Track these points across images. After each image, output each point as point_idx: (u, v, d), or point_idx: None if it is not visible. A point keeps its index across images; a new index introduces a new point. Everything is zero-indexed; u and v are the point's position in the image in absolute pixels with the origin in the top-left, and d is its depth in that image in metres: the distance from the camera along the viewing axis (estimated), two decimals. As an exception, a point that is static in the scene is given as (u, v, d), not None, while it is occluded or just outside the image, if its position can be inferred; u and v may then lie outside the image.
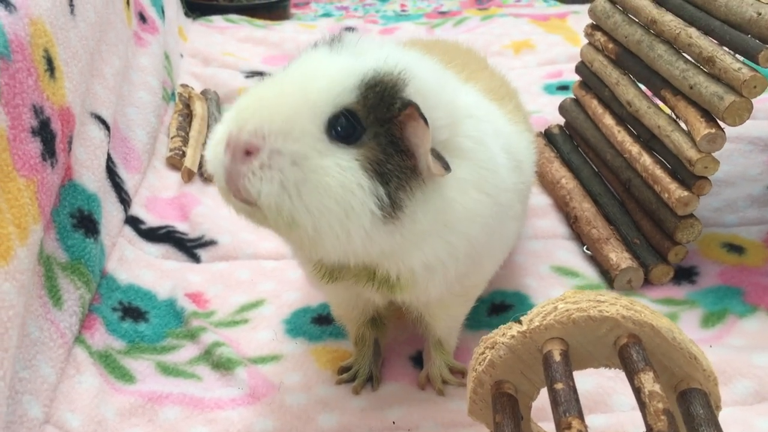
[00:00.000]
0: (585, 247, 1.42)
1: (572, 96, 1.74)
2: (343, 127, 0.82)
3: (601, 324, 0.80)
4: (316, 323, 1.26)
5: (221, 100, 2.06)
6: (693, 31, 1.32)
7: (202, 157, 1.75)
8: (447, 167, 0.85)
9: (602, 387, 1.08)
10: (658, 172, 1.34)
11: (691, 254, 1.37)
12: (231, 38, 2.49)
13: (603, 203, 1.49)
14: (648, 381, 0.74)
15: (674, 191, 1.29)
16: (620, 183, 1.48)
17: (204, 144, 1.79)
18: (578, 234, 1.46)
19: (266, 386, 1.11)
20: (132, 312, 1.27)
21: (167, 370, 1.15)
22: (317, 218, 0.81)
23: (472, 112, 0.96)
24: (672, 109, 1.35)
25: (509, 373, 0.85)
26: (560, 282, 1.34)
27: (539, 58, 2.31)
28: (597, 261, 1.38)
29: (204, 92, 2.07)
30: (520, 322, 0.84)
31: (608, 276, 1.34)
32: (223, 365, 1.15)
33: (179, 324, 1.26)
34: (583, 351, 0.83)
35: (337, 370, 1.16)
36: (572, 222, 1.48)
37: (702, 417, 0.76)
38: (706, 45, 1.28)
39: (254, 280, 1.37)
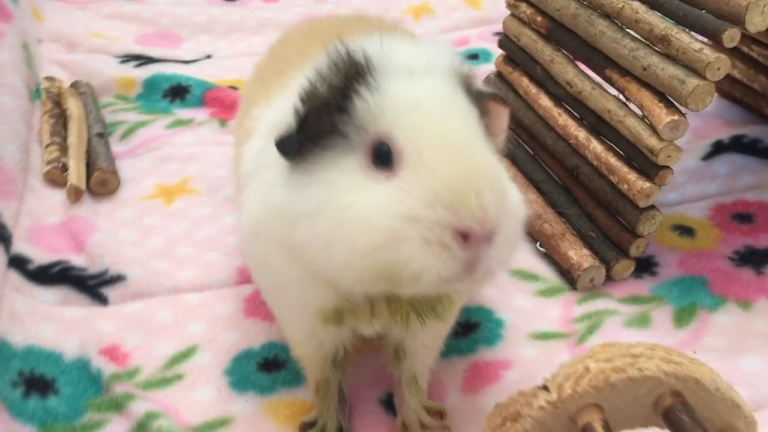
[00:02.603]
0: (538, 243, 1.33)
1: (496, 71, 1.63)
2: None
3: (641, 384, 0.70)
4: (263, 370, 1.09)
5: (96, 92, 1.79)
6: (638, 5, 1.23)
7: (88, 168, 1.50)
8: None
9: None
10: (613, 161, 1.25)
11: (645, 242, 1.31)
12: (95, 15, 2.17)
13: (547, 191, 1.40)
14: (714, 456, 0.65)
15: (634, 182, 1.21)
16: (565, 170, 1.39)
17: (86, 152, 1.54)
18: (527, 229, 1.36)
19: (223, 463, 0.94)
20: (36, 383, 1.05)
21: (95, 457, 0.96)
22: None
23: None
24: (621, 91, 1.26)
25: (536, 446, 0.73)
26: (521, 288, 1.24)
27: (441, 24, 2.18)
28: (553, 259, 1.29)
29: (75, 85, 1.78)
30: (546, 389, 0.72)
31: (569, 276, 1.25)
32: (164, 442, 0.96)
33: (98, 391, 1.05)
34: (618, 413, 0.72)
35: (299, 426, 1.00)
36: (520, 216, 1.38)
37: (759, 477, 0.69)
38: (657, 22, 1.19)
39: (179, 322, 1.17)
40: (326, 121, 0.77)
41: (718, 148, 1.56)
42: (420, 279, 0.72)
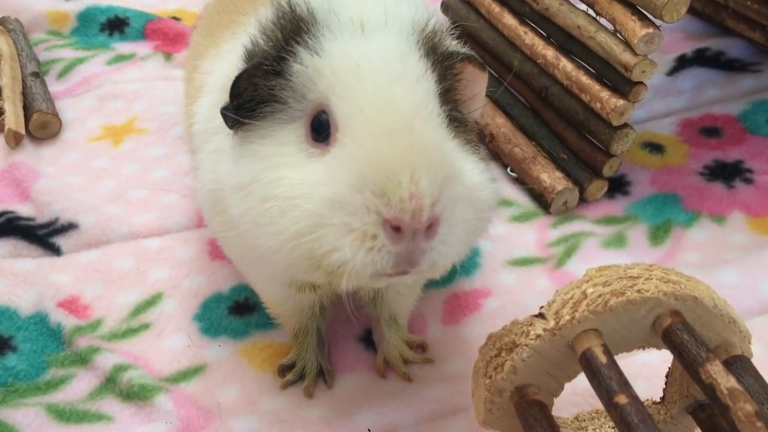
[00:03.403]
0: (509, 168, 1.29)
1: (454, -9, 1.55)
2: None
3: (640, 306, 0.68)
4: (235, 314, 1.04)
5: (26, 29, 1.66)
6: None
7: (25, 111, 1.39)
8: None
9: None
10: (584, 78, 1.21)
11: (617, 162, 1.28)
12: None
13: (514, 114, 1.36)
14: (720, 374, 0.63)
15: (608, 100, 1.17)
16: (533, 91, 1.35)
17: (22, 94, 1.43)
18: (497, 153, 1.32)
19: (201, 413, 0.90)
20: (-8, 342, 0.98)
21: (63, 416, 0.90)
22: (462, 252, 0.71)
23: None
24: (590, 6, 1.21)
25: (533, 376, 0.70)
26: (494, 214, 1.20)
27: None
28: (525, 184, 1.26)
29: (2, 22, 1.65)
30: (542, 316, 0.69)
31: (542, 200, 1.22)
32: (135, 395, 0.91)
33: (60, 346, 0.99)
34: (616, 336, 0.70)
35: (277, 369, 0.96)
36: (488, 141, 1.33)
37: (759, 392, 0.67)
38: (627, -70, 1.14)
39: (141, 269, 1.11)
40: (261, 86, 0.67)
41: (682, 63, 1.53)
42: (344, 269, 0.62)
